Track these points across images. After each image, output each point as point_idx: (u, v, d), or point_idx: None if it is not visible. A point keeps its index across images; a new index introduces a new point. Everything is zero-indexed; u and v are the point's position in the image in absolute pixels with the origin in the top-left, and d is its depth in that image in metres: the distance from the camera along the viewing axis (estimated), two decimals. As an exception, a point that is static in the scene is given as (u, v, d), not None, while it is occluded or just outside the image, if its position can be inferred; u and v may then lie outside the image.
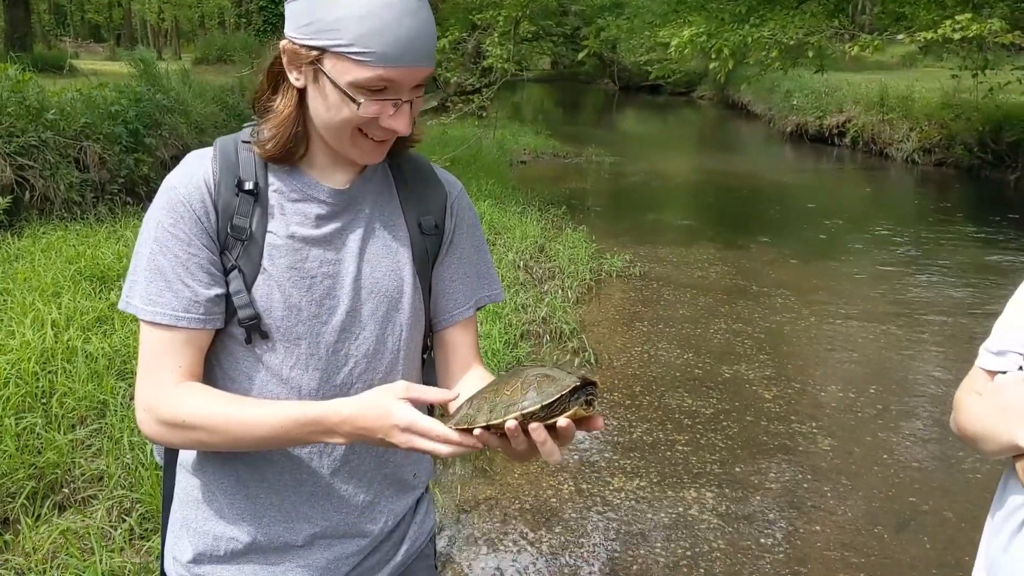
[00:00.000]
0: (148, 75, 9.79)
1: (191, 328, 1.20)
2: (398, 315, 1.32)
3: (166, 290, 1.20)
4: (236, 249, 1.22)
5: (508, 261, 7.19)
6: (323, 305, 1.26)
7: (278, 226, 1.25)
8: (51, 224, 6.86)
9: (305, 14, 1.14)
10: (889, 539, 3.58)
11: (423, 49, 1.16)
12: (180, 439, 1.23)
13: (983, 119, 13.97)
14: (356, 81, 1.14)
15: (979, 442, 1.43)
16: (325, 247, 1.27)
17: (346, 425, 1.13)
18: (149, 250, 1.21)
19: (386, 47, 1.11)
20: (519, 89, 32.77)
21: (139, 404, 1.23)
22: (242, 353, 1.26)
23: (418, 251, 1.35)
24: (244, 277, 1.22)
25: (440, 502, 3.73)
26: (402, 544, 1.43)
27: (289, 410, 1.16)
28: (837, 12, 10.06)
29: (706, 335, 6.12)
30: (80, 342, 4.26)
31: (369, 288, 1.29)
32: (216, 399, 1.20)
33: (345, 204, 1.29)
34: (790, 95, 19.91)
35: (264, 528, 1.31)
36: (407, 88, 1.18)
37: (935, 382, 5.27)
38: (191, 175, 1.23)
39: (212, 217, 1.22)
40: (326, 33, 1.13)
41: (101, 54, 30.28)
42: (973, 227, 10.29)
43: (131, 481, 3.34)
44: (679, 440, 4.47)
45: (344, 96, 1.16)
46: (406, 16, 1.12)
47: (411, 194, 1.37)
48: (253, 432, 1.17)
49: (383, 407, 1.10)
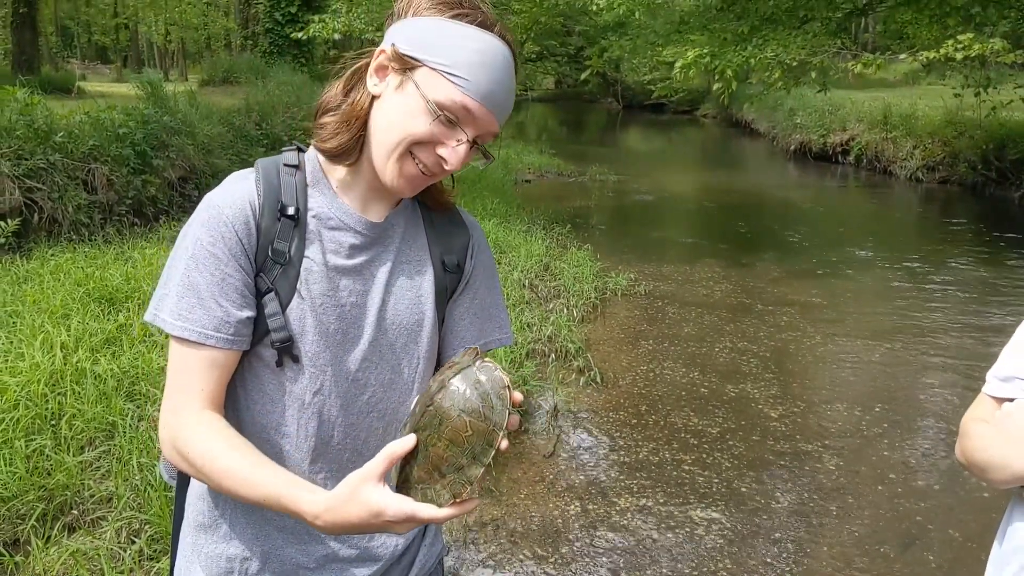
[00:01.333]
0: (155, 97, 9.86)
1: (218, 348, 1.21)
2: (416, 348, 1.35)
3: (197, 307, 1.21)
4: (274, 272, 1.24)
5: (513, 280, 7.21)
6: (348, 334, 1.28)
7: (315, 252, 1.27)
8: (59, 246, 6.90)
9: (418, 31, 1.20)
10: (895, 558, 3.58)
11: (505, 104, 1.24)
12: (188, 470, 1.25)
13: (986, 137, 14.00)
14: (442, 101, 1.18)
15: (987, 471, 1.40)
16: (355, 277, 1.29)
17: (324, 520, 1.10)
18: (184, 266, 1.22)
19: (481, 81, 1.18)
20: (523, 108, 32.94)
21: (162, 424, 1.24)
22: (268, 376, 1.27)
23: (439, 288, 1.38)
24: (280, 300, 1.24)
25: (447, 523, 3.73)
26: (412, 567, 1.44)
27: (272, 487, 1.14)
28: (840, 32, 10.11)
29: (711, 353, 6.13)
30: (89, 364, 4.29)
31: (392, 320, 1.32)
32: (223, 451, 1.18)
33: (377, 236, 1.32)
34: (793, 113, 19.98)
35: (277, 551, 1.32)
36: (473, 129, 1.22)
37: (940, 401, 5.27)
38: (235, 196, 1.24)
39: (253, 239, 1.23)
40: (433, 49, 1.18)
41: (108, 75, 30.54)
42: (977, 245, 10.29)
43: (140, 502, 3.35)
44: (685, 459, 4.48)
45: (426, 107, 1.19)
46: (504, 70, 1.21)
47: (438, 233, 1.40)
48: (242, 495, 1.17)
49: (369, 505, 1.07)
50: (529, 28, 11.38)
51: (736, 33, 9.69)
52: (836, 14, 9.68)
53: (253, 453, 1.20)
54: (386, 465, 1.09)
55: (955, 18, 9.12)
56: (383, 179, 1.26)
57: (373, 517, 1.07)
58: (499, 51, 1.20)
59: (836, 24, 9.79)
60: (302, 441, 1.28)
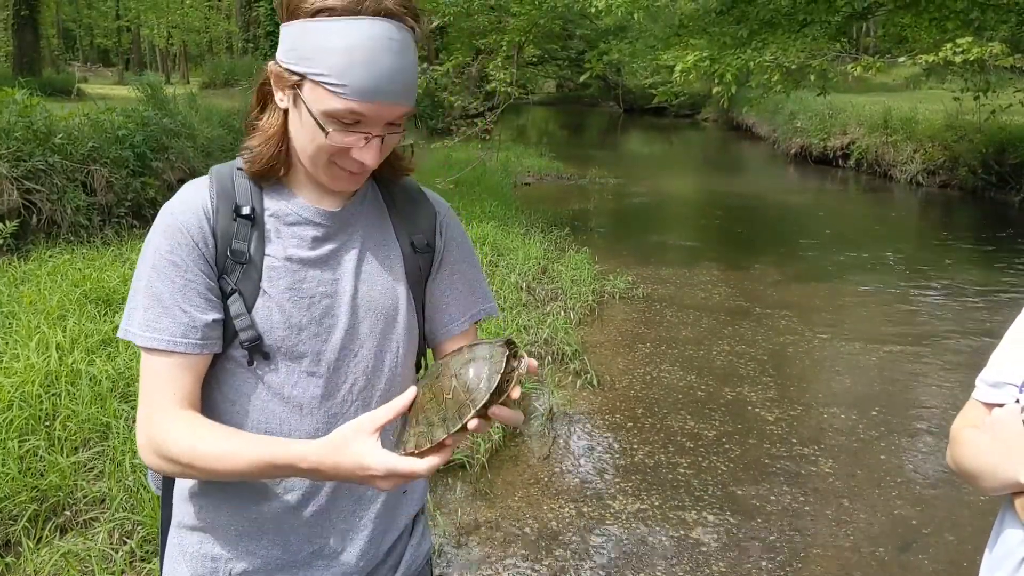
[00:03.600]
0: (155, 99, 9.89)
1: (188, 353, 1.22)
2: (394, 332, 1.35)
3: (163, 316, 1.21)
4: (236, 273, 1.25)
5: (511, 282, 7.21)
6: (323, 324, 1.28)
7: (275, 249, 1.28)
8: (58, 247, 6.91)
9: (292, 39, 1.18)
10: (891, 562, 3.57)
11: (400, 88, 1.17)
12: (173, 471, 1.25)
13: (986, 141, 14.00)
14: (329, 111, 1.17)
15: (977, 478, 1.39)
16: (322, 268, 1.30)
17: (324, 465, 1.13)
18: (147, 276, 1.23)
19: (361, 82, 1.13)
20: (524, 112, 32.97)
21: (139, 433, 1.25)
22: (243, 375, 1.28)
23: (411, 269, 1.38)
24: (244, 300, 1.24)
25: (441, 525, 3.73)
26: (399, 567, 1.44)
27: (264, 451, 1.17)
28: (839, 35, 10.12)
29: (709, 357, 6.12)
30: (84, 365, 4.28)
31: (366, 306, 1.32)
32: (204, 436, 1.20)
33: (339, 225, 1.32)
34: (794, 117, 19.99)
35: (262, 551, 1.32)
36: (379, 124, 1.20)
37: (938, 404, 5.26)
38: (188, 202, 1.26)
39: (210, 243, 1.24)
40: (307, 60, 1.15)
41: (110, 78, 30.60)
42: (977, 248, 10.29)
43: (133, 503, 3.35)
44: (681, 463, 4.47)
45: (316, 124, 1.18)
46: (386, 54, 1.14)
47: (402, 215, 1.40)
48: (237, 470, 1.18)
49: (356, 456, 1.10)
50: (528, 31, 11.37)
51: (735, 36, 9.69)
52: (835, 17, 9.68)
53: (237, 432, 1.23)
54: (386, 418, 1.12)
55: (954, 22, 9.12)
56: (320, 182, 1.28)
57: (358, 468, 1.10)
58: (375, 35, 1.13)
59: (835, 28, 9.80)
60: (286, 435, 1.28)
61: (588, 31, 24.07)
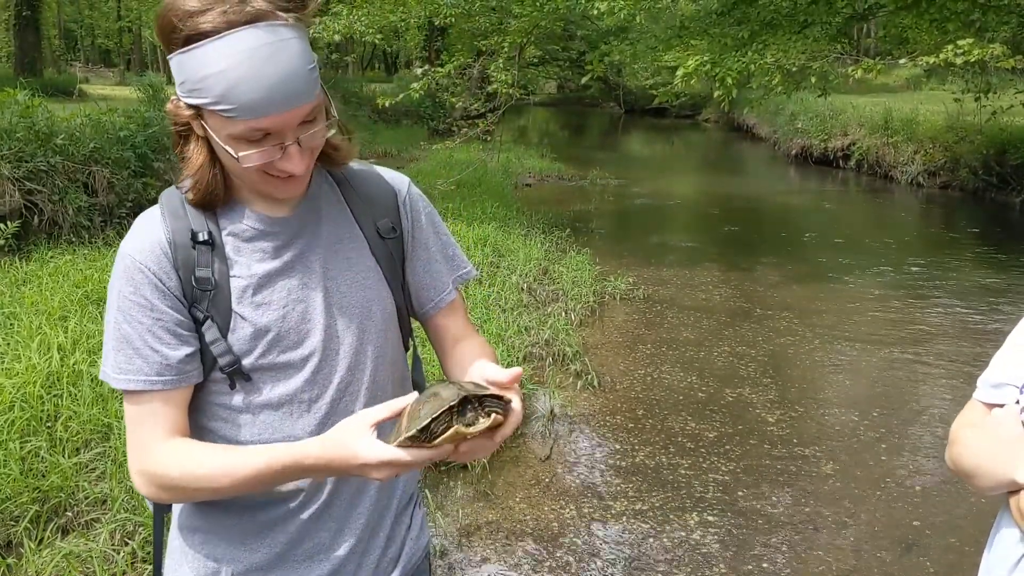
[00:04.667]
0: (157, 100, 9.89)
1: (166, 390, 1.23)
2: (371, 324, 1.35)
3: (135, 357, 1.21)
4: (204, 301, 1.23)
5: (511, 283, 7.21)
6: (300, 331, 1.29)
7: (239, 268, 1.27)
8: (59, 248, 6.92)
9: (178, 72, 1.15)
10: (892, 563, 3.57)
11: (292, 91, 1.12)
12: (176, 497, 1.27)
13: (987, 142, 14.00)
14: (232, 134, 1.15)
15: (975, 478, 1.39)
16: (289, 275, 1.29)
17: (320, 463, 1.16)
18: (114, 319, 1.23)
19: (249, 100, 1.10)
20: (524, 113, 32.98)
21: (132, 469, 1.25)
22: (229, 396, 1.28)
23: (382, 256, 1.38)
24: (218, 325, 1.24)
25: (442, 526, 3.73)
26: (399, 561, 1.45)
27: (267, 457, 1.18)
28: (839, 37, 10.12)
29: (709, 358, 6.13)
30: (86, 366, 4.29)
31: (339, 303, 1.32)
32: (199, 456, 1.22)
33: (297, 229, 1.31)
34: (795, 118, 19.98)
35: (264, 549, 1.33)
36: (288, 131, 1.16)
37: (939, 406, 5.26)
38: (144, 239, 1.24)
39: (173, 277, 1.22)
40: (196, 92, 1.13)
41: (111, 79, 30.59)
42: (978, 250, 10.29)
43: (134, 504, 3.35)
44: (682, 464, 4.47)
45: (224, 151, 1.17)
46: (265, 64, 1.10)
47: (361, 202, 1.39)
48: (241, 482, 1.20)
49: (348, 447, 1.12)
50: (530, 32, 11.38)
51: (736, 38, 9.69)
52: (836, 19, 9.68)
53: (233, 447, 1.24)
54: (384, 415, 1.13)
55: (955, 23, 9.12)
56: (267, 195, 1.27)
57: (351, 459, 1.12)
58: (249, 48, 1.09)
59: (836, 29, 9.80)
60: (282, 442, 1.28)
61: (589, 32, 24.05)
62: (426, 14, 11.91)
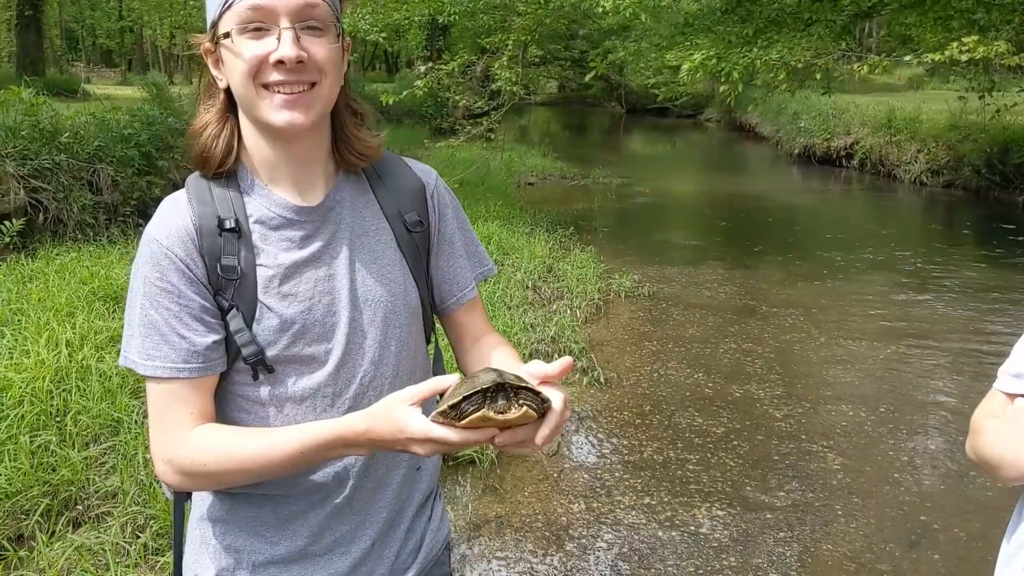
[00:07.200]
0: (160, 99, 9.89)
1: (193, 377, 1.21)
2: (395, 317, 1.34)
3: (162, 343, 1.20)
4: (230, 289, 1.22)
5: (516, 281, 7.21)
6: (325, 323, 1.27)
7: (266, 257, 1.25)
8: (64, 246, 6.92)
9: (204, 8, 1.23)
10: (900, 557, 3.57)
11: None
12: (205, 484, 1.25)
13: (990, 140, 13.98)
14: (236, 25, 1.18)
15: (998, 468, 1.38)
16: (315, 266, 1.28)
17: (363, 438, 1.14)
18: (140, 305, 1.21)
19: None
20: (527, 112, 32.97)
21: (156, 457, 1.23)
22: (253, 387, 1.27)
23: (408, 249, 1.37)
24: (243, 314, 1.23)
25: (451, 519, 3.73)
26: (419, 551, 1.44)
27: (307, 434, 1.17)
28: (844, 34, 10.11)
29: (716, 355, 6.13)
30: (94, 361, 4.30)
31: (364, 296, 1.31)
32: (234, 439, 1.21)
33: (324, 219, 1.30)
34: (797, 117, 19.96)
35: (286, 541, 1.32)
36: (283, 16, 1.18)
37: (945, 401, 5.26)
38: (171, 225, 1.23)
39: (199, 263, 1.21)
40: (210, 5, 1.21)
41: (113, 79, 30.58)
42: (982, 248, 10.29)
43: (145, 497, 3.36)
44: (690, 459, 4.47)
45: (234, 39, 1.19)
46: None
47: (389, 194, 1.38)
48: (278, 463, 1.18)
49: (395, 421, 1.10)
50: (534, 30, 11.38)
51: (741, 36, 9.70)
52: (840, 17, 9.68)
53: (269, 429, 1.23)
54: (428, 392, 1.12)
55: (959, 21, 9.12)
56: (271, 126, 1.23)
57: (398, 432, 1.10)
58: None
59: (840, 27, 9.79)
60: None
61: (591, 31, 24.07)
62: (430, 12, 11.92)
